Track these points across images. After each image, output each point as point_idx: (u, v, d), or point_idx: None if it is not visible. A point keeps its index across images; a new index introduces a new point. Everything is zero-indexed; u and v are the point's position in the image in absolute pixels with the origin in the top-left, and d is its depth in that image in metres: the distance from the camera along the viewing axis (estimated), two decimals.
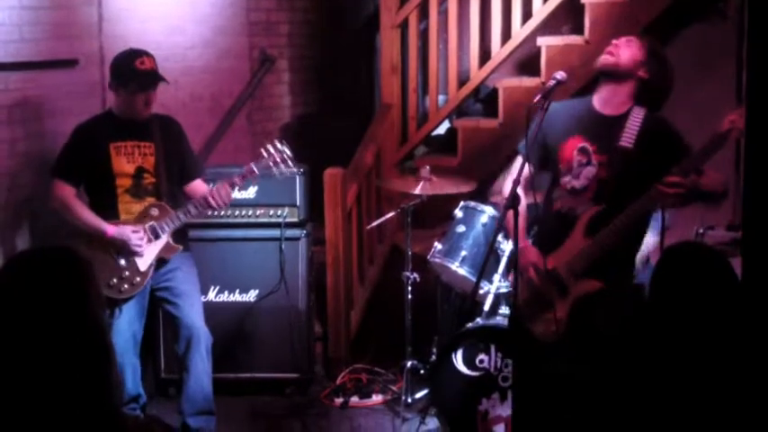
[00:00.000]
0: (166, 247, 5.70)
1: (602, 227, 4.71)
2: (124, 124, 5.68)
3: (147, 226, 5.62)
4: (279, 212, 6.56)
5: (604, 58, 4.85)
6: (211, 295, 6.52)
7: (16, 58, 5.97)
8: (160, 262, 5.71)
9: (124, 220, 5.64)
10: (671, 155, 4.69)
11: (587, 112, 4.87)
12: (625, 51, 4.85)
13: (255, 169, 5.67)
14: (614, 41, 4.90)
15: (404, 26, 8.19)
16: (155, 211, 5.66)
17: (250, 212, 6.58)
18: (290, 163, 5.73)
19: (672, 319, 3.09)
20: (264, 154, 5.70)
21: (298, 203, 6.56)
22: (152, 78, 5.62)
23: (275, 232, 6.53)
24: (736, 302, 3.08)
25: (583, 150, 4.80)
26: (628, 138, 4.75)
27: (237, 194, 6.41)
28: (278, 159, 5.69)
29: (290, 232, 6.54)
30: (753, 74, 2.97)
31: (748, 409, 2.94)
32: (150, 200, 5.69)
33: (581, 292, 4.78)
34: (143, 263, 5.62)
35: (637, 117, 4.78)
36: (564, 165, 4.86)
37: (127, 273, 5.60)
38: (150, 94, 5.64)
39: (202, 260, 6.31)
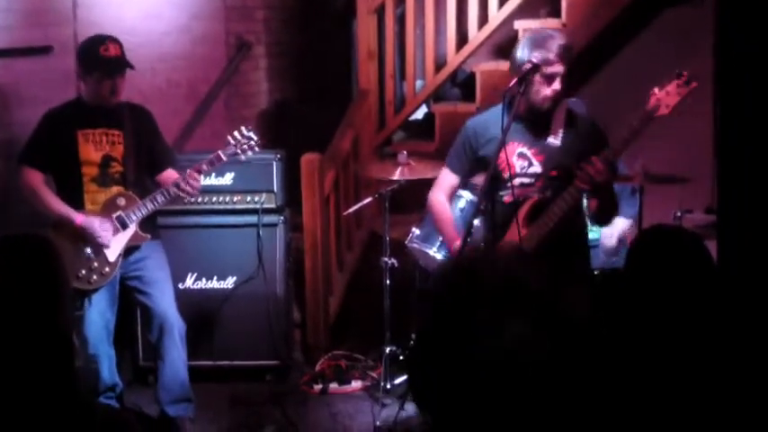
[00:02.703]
0: (134, 237, 5.65)
1: (541, 216, 4.77)
2: (93, 111, 5.61)
3: (114, 216, 5.58)
4: (256, 198, 6.53)
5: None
6: (189, 282, 6.50)
7: None
8: (129, 250, 5.68)
9: (91, 210, 5.60)
10: (594, 142, 4.82)
11: (514, 117, 4.87)
12: None
13: (223, 156, 5.65)
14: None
15: (380, 11, 8.18)
16: (121, 201, 5.62)
17: (227, 199, 6.55)
18: (257, 149, 5.74)
19: (646, 301, 3.09)
20: (231, 141, 5.69)
21: (275, 189, 6.54)
22: (116, 65, 5.54)
23: (253, 218, 6.51)
24: (711, 284, 3.08)
25: (522, 155, 4.90)
26: (555, 134, 4.89)
27: (214, 181, 6.40)
28: (245, 146, 5.69)
29: (267, 218, 6.52)
30: (724, 61, 2.97)
31: (722, 391, 2.94)
32: (116, 189, 5.64)
33: None
34: (111, 253, 5.58)
35: (560, 113, 4.90)
36: (506, 171, 4.89)
37: (95, 263, 5.57)
38: (117, 81, 5.55)
39: (180, 247, 6.30)
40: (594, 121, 5.02)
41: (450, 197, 5.37)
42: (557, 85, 4.75)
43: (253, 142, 5.71)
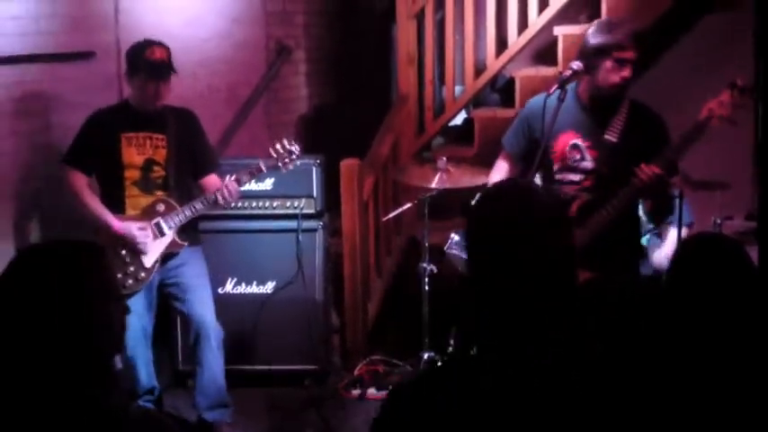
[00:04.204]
0: (172, 244, 5.68)
1: (591, 216, 4.70)
2: (138, 115, 5.66)
3: (152, 223, 5.61)
4: (296, 204, 6.55)
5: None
6: (229, 287, 6.53)
7: (33, 50, 6.00)
8: (167, 257, 5.71)
9: (130, 216, 5.63)
10: (656, 143, 4.69)
11: (574, 105, 4.83)
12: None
13: (264, 168, 5.70)
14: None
15: (420, 16, 8.18)
16: (161, 207, 5.65)
17: (267, 204, 6.58)
18: (297, 163, 5.78)
19: (689, 308, 3.08)
20: (273, 153, 5.73)
21: (314, 195, 6.56)
22: (160, 69, 5.57)
23: (292, 224, 6.53)
24: (753, 291, 3.07)
25: (576, 146, 4.80)
26: (613, 132, 4.76)
27: (254, 186, 6.43)
28: (287, 159, 5.73)
29: (306, 223, 6.54)
30: (763, 65, 2.95)
31: (764, 397, 2.92)
32: (159, 194, 5.68)
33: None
34: (148, 259, 5.61)
35: (623, 110, 4.79)
36: (558, 161, 4.84)
37: (131, 268, 5.60)
38: (161, 84, 5.59)
39: (219, 252, 6.34)
40: (660, 119, 4.82)
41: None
42: (627, 72, 4.64)
43: (294, 156, 5.76)
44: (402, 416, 2.23)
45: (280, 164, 5.74)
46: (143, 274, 5.62)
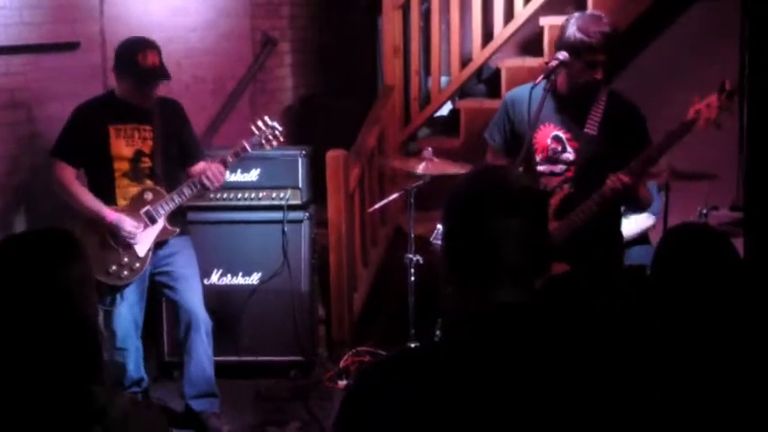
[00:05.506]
0: (163, 231, 5.69)
1: (571, 209, 4.71)
2: (125, 106, 5.63)
3: (142, 211, 5.60)
4: (281, 195, 6.55)
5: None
6: (215, 278, 6.52)
7: (17, 41, 5.97)
8: (159, 244, 5.71)
9: (121, 207, 5.62)
10: (633, 133, 4.74)
11: (554, 97, 4.84)
12: None
13: (248, 146, 5.69)
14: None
15: (406, 7, 8.17)
16: (149, 196, 5.65)
17: (253, 195, 6.57)
18: (281, 138, 5.78)
19: (674, 299, 3.08)
20: (255, 131, 5.73)
21: (300, 186, 6.56)
22: (152, 76, 5.55)
23: (278, 215, 6.52)
24: (738, 283, 3.07)
25: (557, 138, 4.82)
26: (592, 124, 4.77)
27: (240, 177, 6.43)
28: (269, 136, 5.73)
29: (292, 215, 6.53)
30: (751, 55, 2.96)
31: (751, 391, 2.93)
32: (148, 183, 5.67)
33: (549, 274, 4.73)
34: (141, 248, 5.61)
35: (600, 102, 4.79)
36: (540, 153, 4.85)
37: (126, 259, 5.59)
38: (153, 88, 5.59)
39: (205, 243, 6.33)
40: (637, 110, 4.84)
41: None
42: (598, 74, 4.65)
43: (277, 132, 5.76)
44: (365, 400, 2.23)
45: (263, 141, 5.74)
46: (138, 264, 5.62)
